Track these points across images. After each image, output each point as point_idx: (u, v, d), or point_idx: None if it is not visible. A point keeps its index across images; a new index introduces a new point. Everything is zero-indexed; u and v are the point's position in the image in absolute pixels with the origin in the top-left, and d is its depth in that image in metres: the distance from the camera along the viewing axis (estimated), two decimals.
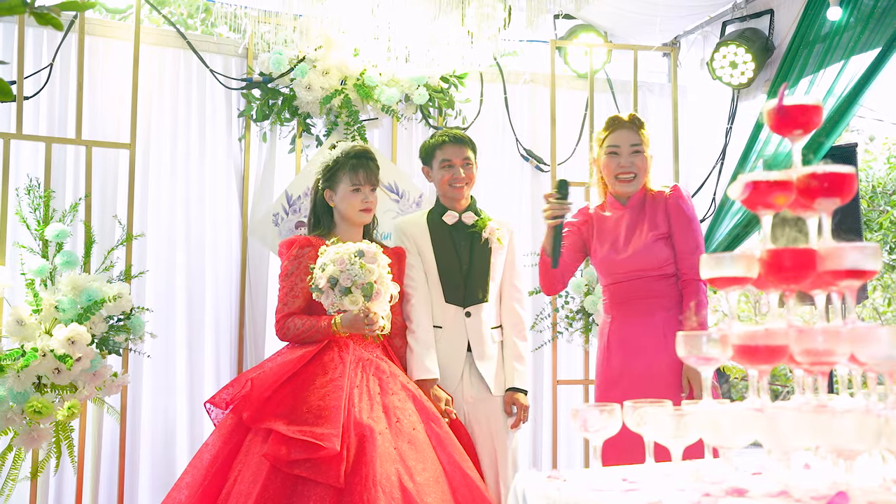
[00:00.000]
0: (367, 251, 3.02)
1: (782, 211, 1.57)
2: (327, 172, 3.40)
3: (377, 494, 2.70)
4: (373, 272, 3.01)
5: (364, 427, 2.89)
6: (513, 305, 3.57)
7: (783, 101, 1.57)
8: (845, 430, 1.36)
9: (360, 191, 3.34)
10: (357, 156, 3.38)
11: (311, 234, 3.42)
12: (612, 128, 3.25)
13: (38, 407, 3.28)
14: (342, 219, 3.39)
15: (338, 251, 3.02)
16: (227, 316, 4.28)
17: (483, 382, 3.44)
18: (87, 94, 3.91)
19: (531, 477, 1.76)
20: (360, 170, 3.34)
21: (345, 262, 2.98)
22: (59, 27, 1.55)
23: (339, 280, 2.97)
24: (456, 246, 3.51)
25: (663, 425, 1.66)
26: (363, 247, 3.04)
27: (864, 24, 3.89)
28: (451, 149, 3.51)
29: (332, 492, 2.75)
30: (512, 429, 3.48)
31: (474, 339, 3.45)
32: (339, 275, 2.97)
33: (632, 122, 3.25)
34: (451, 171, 3.50)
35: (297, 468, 2.77)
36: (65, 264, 3.47)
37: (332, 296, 3.00)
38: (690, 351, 1.61)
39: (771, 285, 1.56)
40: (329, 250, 3.07)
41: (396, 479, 2.79)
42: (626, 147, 3.22)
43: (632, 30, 4.91)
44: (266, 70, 4.25)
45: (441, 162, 3.51)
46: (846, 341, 1.42)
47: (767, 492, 1.47)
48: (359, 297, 2.99)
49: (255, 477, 2.80)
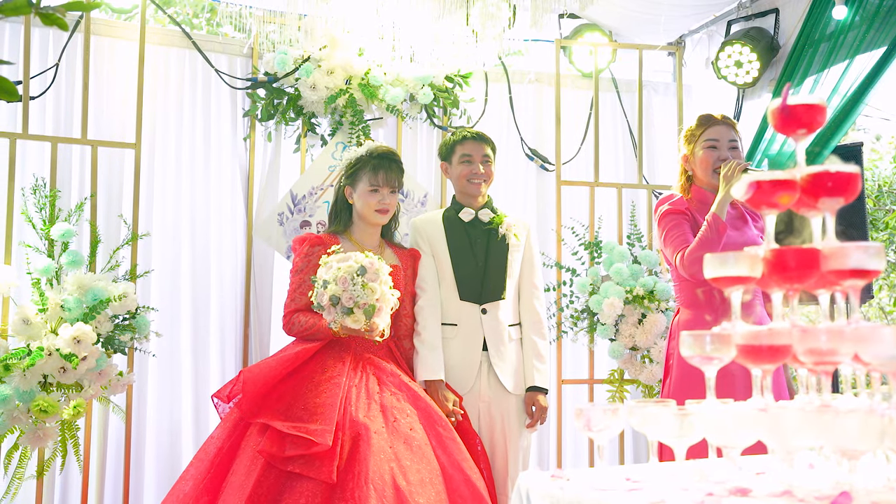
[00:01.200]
0: (368, 268, 2.99)
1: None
2: (350, 169, 3.41)
3: (368, 492, 2.71)
4: (375, 291, 2.99)
5: (359, 425, 2.90)
6: (533, 303, 3.57)
7: (787, 100, 1.56)
8: (849, 429, 1.35)
9: (378, 191, 3.34)
10: (380, 156, 3.39)
11: (327, 231, 3.43)
12: (708, 124, 3.29)
13: (44, 406, 3.29)
14: (359, 217, 3.39)
15: (340, 267, 2.99)
16: (232, 316, 4.28)
17: (499, 381, 3.44)
18: (93, 94, 3.92)
19: (535, 476, 1.75)
20: (380, 171, 3.35)
21: (347, 282, 2.96)
22: (64, 28, 1.55)
23: (341, 300, 2.96)
24: (472, 243, 3.51)
25: (667, 425, 1.65)
26: (365, 263, 3.01)
27: (870, 23, 3.88)
28: (472, 145, 3.53)
29: (324, 488, 2.76)
30: (528, 429, 3.48)
31: (490, 337, 3.44)
32: (342, 294, 2.96)
33: (726, 120, 3.31)
34: (470, 167, 3.51)
35: (291, 464, 2.79)
36: (70, 264, 3.48)
37: (334, 313, 3.00)
38: (695, 350, 1.61)
39: (775, 285, 1.55)
40: (331, 265, 3.04)
41: (390, 478, 2.79)
42: (724, 141, 3.26)
43: (636, 29, 4.91)
44: (271, 70, 4.25)
45: (461, 157, 3.53)
46: (850, 341, 1.42)
47: (771, 492, 1.47)
48: (361, 317, 2.99)
49: (249, 471, 2.82)
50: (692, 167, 3.33)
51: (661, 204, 3.33)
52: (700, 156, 3.28)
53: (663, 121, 5.00)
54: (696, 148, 3.30)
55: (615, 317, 4.25)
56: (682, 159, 3.37)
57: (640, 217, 4.64)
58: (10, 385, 3.27)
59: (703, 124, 3.31)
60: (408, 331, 3.44)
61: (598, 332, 4.33)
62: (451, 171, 3.59)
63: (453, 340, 3.44)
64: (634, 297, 4.24)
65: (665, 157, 4.98)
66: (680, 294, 3.32)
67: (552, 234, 4.58)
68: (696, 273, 3.08)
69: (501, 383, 3.44)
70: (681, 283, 3.29)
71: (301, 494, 2.76)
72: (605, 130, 4.84)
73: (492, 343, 3.44)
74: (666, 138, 4.97)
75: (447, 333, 3.45)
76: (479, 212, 3.55)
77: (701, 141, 3.28)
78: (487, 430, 3.44)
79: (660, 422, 1.67)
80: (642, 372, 4.27)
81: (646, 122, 4.85)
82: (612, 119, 4.97)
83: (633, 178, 4.84)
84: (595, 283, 4.35)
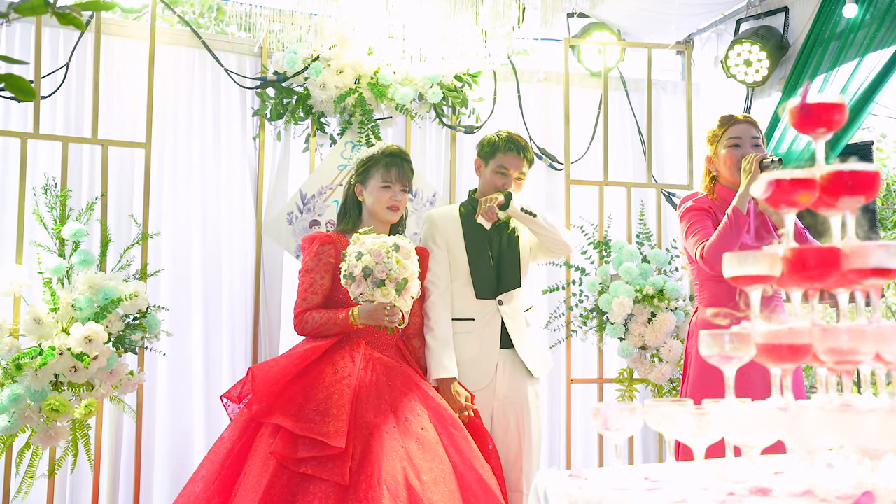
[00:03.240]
0: (402, 246, 3.04)
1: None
2: (361, 167, 3.42)
3: (382, 492, 2.71)
4: (407, 268, 3.02)
5: (371, 425, 2.91)
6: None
7: (807, 98, 1.56)
8: (871, 429, 1.35)
9: (390, 188, 3.35)
10: (392, 154, 3.41)
11: (336, 230, 3.44)
12: (730, 123, 3.33)
13: (56, 405, 3.30)
14: (370, 215, 3.39)
15: (375, 242, 3.02)
16: (242, 315, 4.29)
17: (523, 365, 3.45)
18: (103, 94, 3.93)
19: (552, 475, 1.75)
20: (393, 168, 3.36)
21: (381, 255, 2.98)
22: (80, 27, 1.56)
23: (373, 271, 2.97)
24: (489, 242, 3.52)
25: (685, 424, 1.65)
26: (399, 241, 3.05)
27: (880, 22, 3.87)
28: (513, 159, 3.51)
29: (338, 489, 2.76)
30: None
31: (510, 324, 3.46)
32: (375, 266, 2.97)
33: (747, 119, 3.34)
34: (504, 179, 3.50)
35: (304, 466, 2.79)
36: (81, 263, 3.49)
37: (364, 285, 2.99)
38: (714, 349, 1.61)
39: (794, 284, 1.55)
40: (365, 240, 3.06)
41: (402, 478, 2.80)
42: (747, 139, 3.28)
43: (645, 28, 4.90)
44: (280, 69, 4.26)
45: (498, 167, 3.50)
46: (871, 340, 1.41)
47: (792, 491, 1.46)
48: (391, 291, 3.00)
49: (261, 472, 2.82)
50: (716, 167, 3.36)
51: (685, 201, 3.36)
52: (723, 155, 3.31)
53: (672, 120, 4.99)
54: (718, 147, 3.33)
55: (625, 316, 4.25)
56: (705, 160, 3.39)
57: (650, 216, 4.63)
58: (22, 384, 3.28)
59: (724, 124, 3.34)
60: (416, 329, 3.44)
61: (607, 331, 4.32)
62: (484, 173, 3.56)
63: (469, 336, 3.44)
64: (644, 296, 4.24)
65: (674, 157, 4.98)
66: (700, 292, 3.33)
67: None
68: (716, 266, 3.09)
69: (525, 367, 3.45)
70: (701, 282, 3.30)
71: (314, 496, 2.76)
72: (613, 129, 4.83)
73: (512, 329, 3.46)
74: (675, 137, 4.96)
75: (463, 328, 3.45)
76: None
77: (724, 140, 3.31)
78: (501, 429, 3.45)
79: (678, 421, 1.66)
80: (652, 371, 4.27)
81: (655, 121, 4.84)
82: (620, 118, 4.97)
83: (642, 178, 4.84)
84: (604, 283, 4.34)
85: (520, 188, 3.55)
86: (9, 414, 3.27)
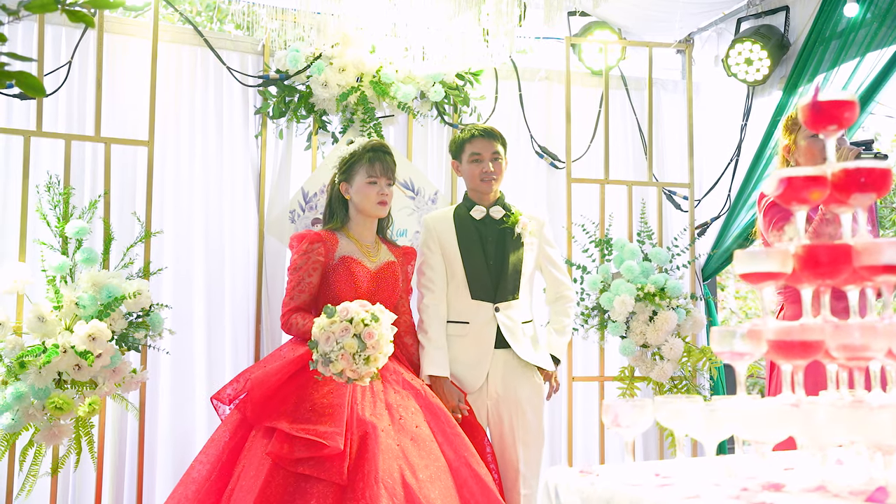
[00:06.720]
0: (368, 342, 2.83)
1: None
2: (344, 165, 3.42)
3: (379, 491, 2.72)
4: (378, 360, 2.86)
5: (366, 424, 2.91)
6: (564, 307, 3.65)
7: (818, 96, 1.57)
8: (883, 424, 1.36)
9: (376, 183, 3.35)
10: (374, 149, 3.40)
11: (323, 228, 3.43)
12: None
13: (59, 403, 3.29)
14: (357, 212, 3.40)
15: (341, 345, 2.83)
16: (245, 313, 4.29)
17: (510, 372, 3.44)
18: (106, 92, 3.92)
19: (563, 472, 1.76)
20: (376, 162, 3.36)
21: (349, 361, 2.82)
22: (91, 24, 1.56)
23: (344, 371, 2.85)
24: (483, 241, 3.51)
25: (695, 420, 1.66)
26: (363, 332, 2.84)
27: (881, 21, 3.88)
28: (481, 142, 3.53)
29: (335, 488, 2.77)
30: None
31: (506, 329, 3.45)
32: (345, 367, 2.84)
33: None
34: (481, 165, 3.51)
35: (301, 466, 2.79)
36: (85, 261, 3.49)
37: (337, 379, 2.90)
38: (724, 346, 1.62)
39: (806, 280, 1.56)
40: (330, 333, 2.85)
41: (399, 476, 2.80)
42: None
43: (646, 27, 4.91)
44: (283, 67, 4.26)
45: (470, 156, 3.53)
46: (883, 336, 1.43)
47: (804, 486, 1.47)
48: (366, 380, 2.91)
49: (257, 473, 2.82)
50: (795, 158, 3.32)
51: (766, 196, 3.31)
52: (803, 146, 3.28)
53: (673, 118, 5.00)
54: (798, 138, 3.30)
55: (626, 314, 4.26)
56: (783, 149, 3.36)
57: (651, 214, 4.64)
58: (26, 382, 3.27)
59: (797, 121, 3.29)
60: (407, 327, 3.44)
61: (608, 329, 4.33)
62: (462, 169, 3.60)
63: (464, 338, 3.45)
64: (645, 294, 4.25)
65: (675, 155, 4.99)
66: (786, 289, 3.27)
67: (563, 231, 4.58)
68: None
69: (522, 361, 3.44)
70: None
71: (312, 496, 2.76)
72: (614, 128, 4.84)
73: (508, 334, 3.45)
74: (675, 136, 4.97)
75: (457, 331, 3.45)
76: (490, 209, 3.56)
77: (804, 130, 3.26)
78: (496, 428, 3.45)
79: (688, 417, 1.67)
80: (653, 369, 4.28)
81: (655, 119, 4.85)
82: (621, 117, 4.97)
83: (643, 176, 4.85)
84: (606, 281, 4.35)
85: (500, 169, 3.55)
86: (12, 412, 3.27)
